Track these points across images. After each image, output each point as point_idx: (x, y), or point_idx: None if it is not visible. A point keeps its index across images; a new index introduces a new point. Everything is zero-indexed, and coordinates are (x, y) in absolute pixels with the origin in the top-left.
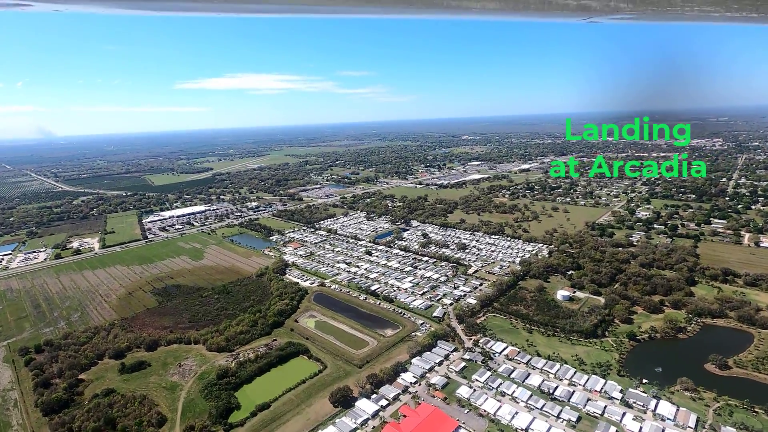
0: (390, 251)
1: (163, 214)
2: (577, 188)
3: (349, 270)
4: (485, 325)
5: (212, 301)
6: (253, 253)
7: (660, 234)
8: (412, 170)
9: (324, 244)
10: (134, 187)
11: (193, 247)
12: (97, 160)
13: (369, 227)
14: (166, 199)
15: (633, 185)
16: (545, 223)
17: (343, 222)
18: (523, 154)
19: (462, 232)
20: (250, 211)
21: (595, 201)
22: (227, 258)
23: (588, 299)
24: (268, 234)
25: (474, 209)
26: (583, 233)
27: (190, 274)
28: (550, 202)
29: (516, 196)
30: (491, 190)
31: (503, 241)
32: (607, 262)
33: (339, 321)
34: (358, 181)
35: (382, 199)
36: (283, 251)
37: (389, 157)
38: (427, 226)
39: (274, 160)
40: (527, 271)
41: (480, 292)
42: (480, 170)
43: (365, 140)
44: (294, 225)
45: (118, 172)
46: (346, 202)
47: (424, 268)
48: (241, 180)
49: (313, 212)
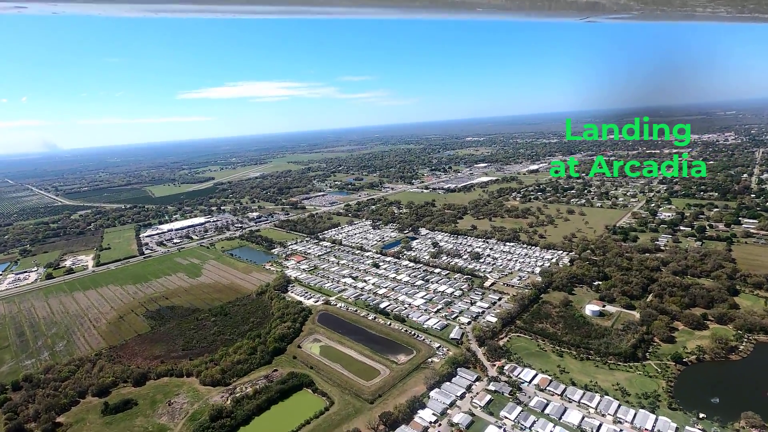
0: (399, 263)
1: (162, 227)
2: (591, 189)
3: (356, 285)
4: (509, 347)
5: (208, 325)
6: (253, 268)
7: (688, 237)
8: (417, 174)
9: (328, 257)
10: (134, 200)
11: (191, 263)
12: (99, 173)
13: (375, 237)
14: (166, 211)
15: (650, 184)
16: (562, 228)
17: (348, 231)
18: (530, 154)
19: (474, 240)
20: (251, 221)
21: (612, 202)
22: (226, 274)
23: (620, 314)
24: (270, 246)
25: (485, 214)
26: (605, 238)
27: (186, 294)
28: (564, 204)
29: (528, 199)
30: (501, 194)
31: (519, 249)
32: (636, 271)
33: (346, 345)
34: (362, 187)
35: (387, 205)
36: (285, 265)
37: (393, 162)
38: (437, 234)
39: (277, 167)
40: (549, 283)
41: (500, 308)
42: (487, 172)
43: (368, 145)
44: (296, 236)
45: (119, 184)
46: (350, 210)
47: (437, 281)
48: (242, 189)
49: (317, 222)
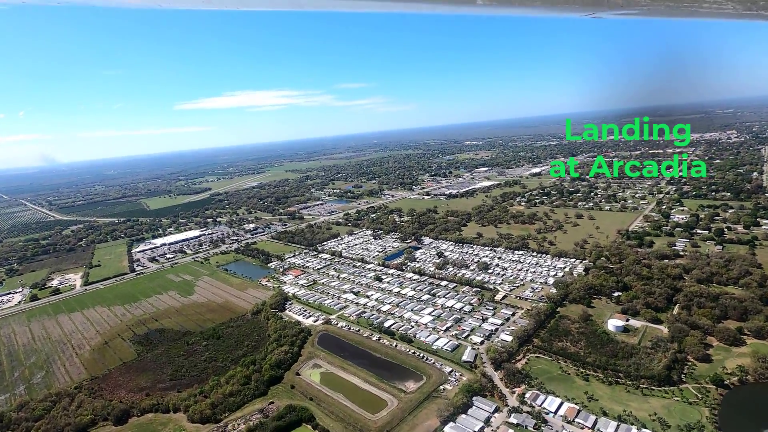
0: (403, 276)
1: (155, 241)
2: (597, 191)
3: (358, 301)
4: (528, 370)
5: (200, 350)
6: (249, 285)
7: (707, 241)
8: (417, 180)
9: (328, 270)
10: (129, 213)
11: (184, 280)
12: (95, 186)
13: (377, 247)
14: (160, 224)
15: (657, 185)
16: (572, 234)
17: (348, 242)
18: (530, 157)
19: (481, 249)
20: (248, 233)
21: (621, 205)
22: (220, 292)
23: (646, 329)
24: (266, 260)
25: (489, 221)
26: (619, 244)
27: (177, 315)
28: (571, 208)
29: (533, 204)
30: (505, 198)
31: (529, 258)
32: (657, 280)
33: (349, 371)
34: (362, 195)
35: (388, 213)
36: (282, 280)
37: (392, 168)
38: (441, 243)
39: (274, 176)
40: (565, 295)
41: (514, 324)
42: (489, 177)
43: (366, 151)
44: (294, 248)
45: (114, 197)
46: (350, 219)
47: (444, 295)
48: (239, 199)
49: (315, 232)
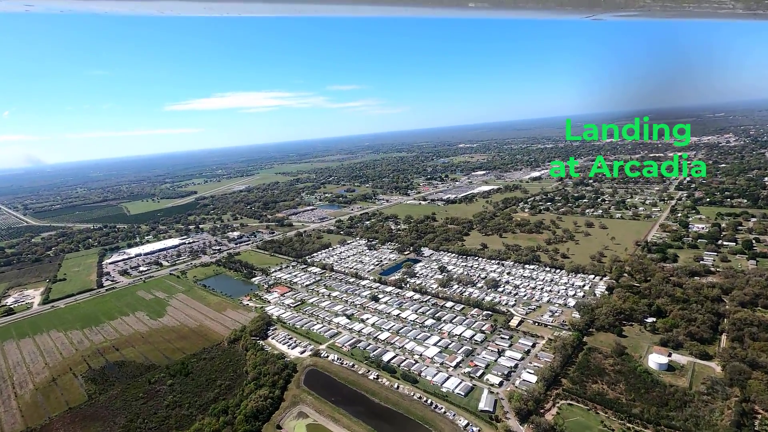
0: (402, 294)
1: (130, 251)
2: (604, 197)
3: (352, 327)
4: (561, 425)
5: (163, 391)
6: (228, 304)
7: (736, 254)
8: (412, 184)
9: (318, 287)
10: (107, 218)
11: (155, 298)
12: (77, 188)
13: (372, 260)
14: (138, 231)
15: (666, 190)
16: (585, 245)
17: (341, 253)
18: (528, 160)
19: (487, 262)
20: (231, 242)
21: (632, 212)
22: (195, 313)
23: (694, 367)
24: (250, 274)
25: (493, 229)
26: (640, 257)
27: (142, 342)
28: (579, 215)
29: (538, 211)
30: (507, 204)
31: (542, 273)
32: (696, 303)
33: (342, 424)
34: (355, 200)
35: (383, 220)
36: (266, 299)
37: (386, 171)
38: (443, 255)
39: (264, 179)
40: (591, 321)
41: (537, 359)
42: (487, 181)
43: (359, 153)
44: (281, 260)
45: (95, 201)
46: (342, 227)
47: (451, 320)
48: (225, 204)
49: (304, 242)
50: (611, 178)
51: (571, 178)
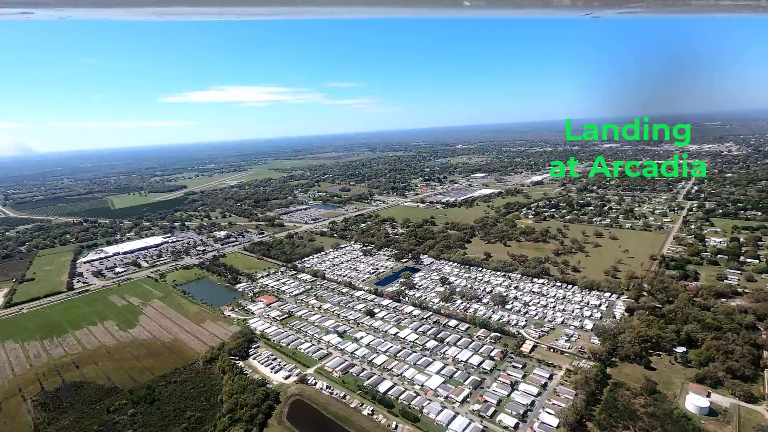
0: (400, 309)
1: (108, 249)
2: (610, 204)
3: (344, 347)
4: None
5: (123, 423)
6: (208, 315)
7: (762, 273)
8: (410, 185)
9: (308, 298)
10: (89, 212)
11: (128, 305)
12: (63, 179)
13: (367, 267)
14: (119, 227)
15: (675, 199)
16: (597, 257)
17: (334, 259)
18: (528, 163)
19: (492, 274)
20: (218, 243)
21: (643, 223)
22: (170, 324)
23: (739, 411)
24: (234, 280)
25: (496, 236)
26: (659, 273)
27: (107, 359)
28: (586, 224)
29: (542, 217)
30: (509, 210)
31: (553, 289)
32: (729, 331)
33: None
34: (350, 200)
35: (380, 223)
36: (250, 310)
37: (382, 170)
38: (444, 264)
39: (257, 175)
40: (613, 349)
41: (555, 395)
42: (487, 184)
43: (355, 151)
44: (269, 264)
45: (80, 193)
46: (336, 229)
47: (455, 342)
48: (214, 200)
49: (295, 245)
50: (616, 185)
51: (572, 181)
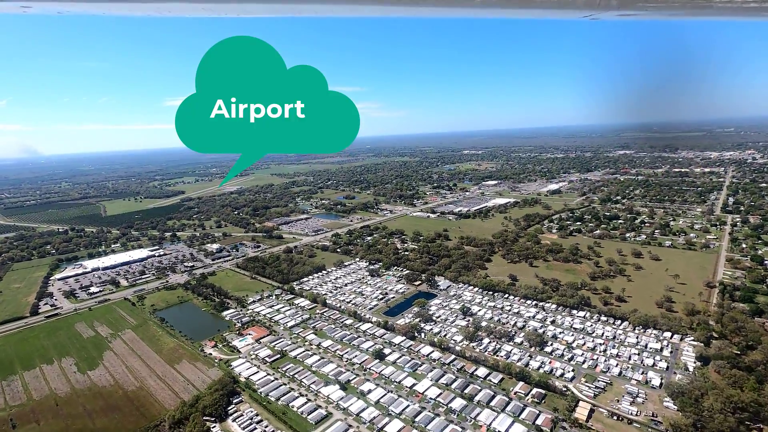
0: (415, 350)
1: (88, 264)
2: (641, 217)
3: (348, 406)
4: None
5: None
6: (185, 352)
7: None
8: (418, 193)
9: (305, 331)
10: (79, 219)
11: (95, 336)
12: (62, 182)
13: (375, 291)
14: (105, 237)
15: (712, 212)
16: (640, 282)
17: (336, 280)
18: (542, 171)
19: (521, 303)
20: (209, 257)
21: (685, 240)
22: (138, 365)
23: None
24: (222, 305)
25: (520, 254)
26: (723, 306)
27: (53, 415)
28: (618, 240)
29: (567, 232)
30: (529, 222)
31: (599, 325)
32: None
33: None
34: (354, 209)
35: (387, 236)
36: (235, 347)
37: (388, 176)
38: (463, 289)
39: (258, 180)
40: (698, 424)
41: None
42: (501, 192)
43: (359, 156)
44: (264, 285)
45: (74, 198)
46: (339, 243)
47: (488, 401)
48: (211, 208)
49: (294, 262)
50: (642, 195)
51: (593, 190)
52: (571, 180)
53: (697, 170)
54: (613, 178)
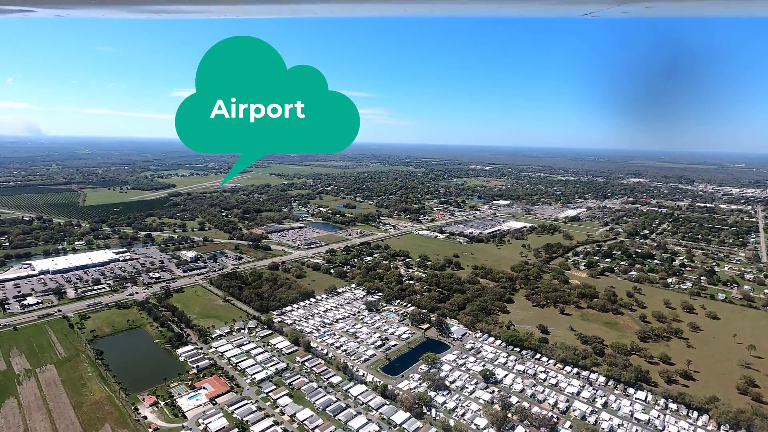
0: None
1: (37, 264)
2: (680, 259)
3: None
4: None
5: None
6: (112, 411)
7: None
8: (424, 207)
9: (277, 391)
10: (53, 207)
11: (4, 373)
12: (52, 165)
13: (373, 332)
14: (71, 232)
15: (758, 258)
16: (703, 350)
17: (326, 313)
18: (557, 194)
19: (558, 371)
20: (181, 267)
21: (742, 294)
22: (42, 429)
23: None
24: (179, 339)
25: (546, 296)
26: None
27: None
28: (659, 287)
29: (597, 270)
30: (550, 253)
31: (668, 416)
32: None
33: None
34: (354, 221)
35: (389, 258)
36: (181, 409)
37: (392, 186)
38: (482, 340)
39: (255, 179)
40: None
41: None
42: (515, 215)
43: (363, 162)
44: (237, 312)
45: (57, 183)
46: (334, 261)
47: None
48: (199, 206)
49: (278, 284)
50: (672, 231)
51: (615, 220)
52: (588, 206)
53: (723, 206)
54: (634, 208)
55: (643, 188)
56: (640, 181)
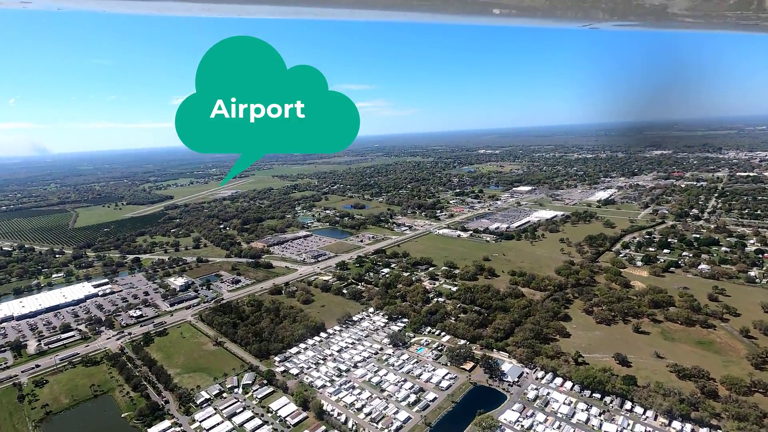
0: None
1: (1, 309)
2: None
3: None
4: None
5: None
6: None
7: None
8: (440, 201)
9: None
10: (41, 231)
11: None
12: (51, 184)
13: (402, 383)
14: (50, 262)
15: None
16: None
17: (341, 353)
18: (577, 173)
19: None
20: (168, 298)
21: None
22: None
23: None
24: (152, 410)
25: (611, 309)
26: None
27: None
28: (743, 282)
29: (658, 266)
30: (596, 247)
31: None
32: None
33: None
34: (365, 223)
35: (410, 268)
36: None
37: (402, 180)
38: (546, 384)
39: (258, 182)
40: None
41: None
42: (541, 202)
43: (368, 156)
44: (231, 360)
45: (50, 204)
46: (346, 279)
47: None
48: (195, 219)
49: (281, 315)
50: (727, 208)
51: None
52: (619, 186)
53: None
54: (669, 183)
55: (669, 161)
56: (663, 153)
